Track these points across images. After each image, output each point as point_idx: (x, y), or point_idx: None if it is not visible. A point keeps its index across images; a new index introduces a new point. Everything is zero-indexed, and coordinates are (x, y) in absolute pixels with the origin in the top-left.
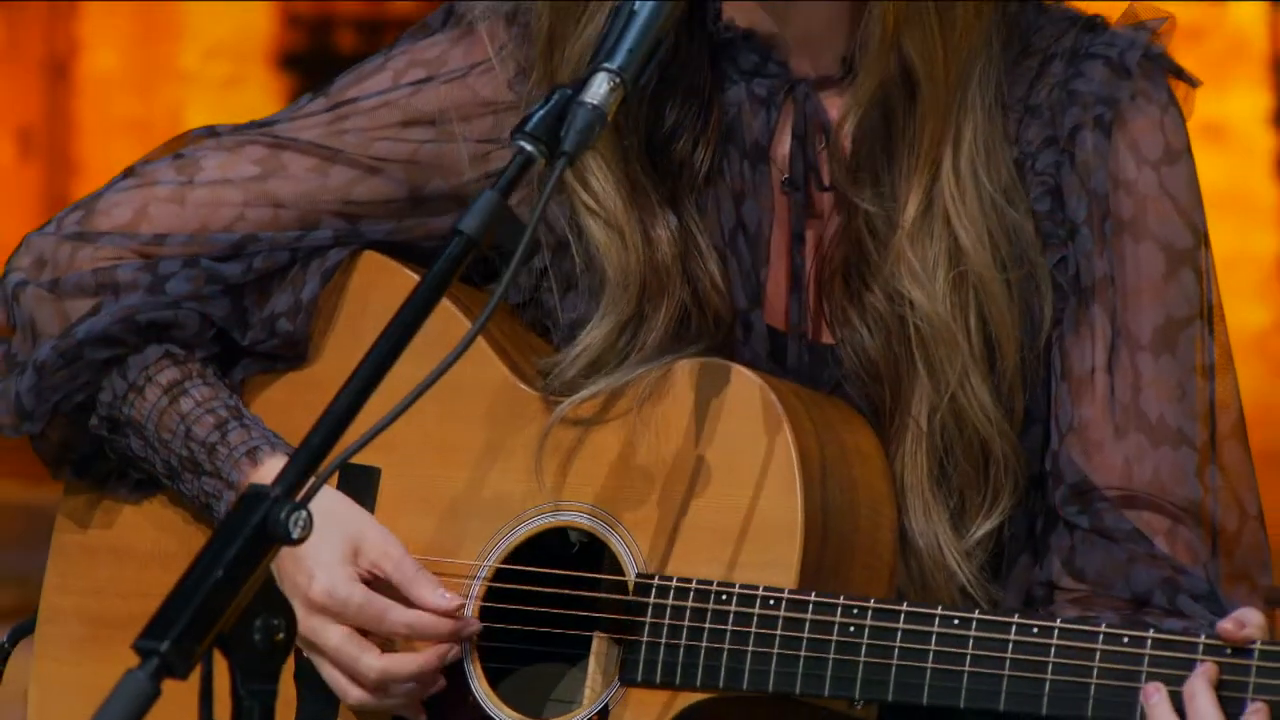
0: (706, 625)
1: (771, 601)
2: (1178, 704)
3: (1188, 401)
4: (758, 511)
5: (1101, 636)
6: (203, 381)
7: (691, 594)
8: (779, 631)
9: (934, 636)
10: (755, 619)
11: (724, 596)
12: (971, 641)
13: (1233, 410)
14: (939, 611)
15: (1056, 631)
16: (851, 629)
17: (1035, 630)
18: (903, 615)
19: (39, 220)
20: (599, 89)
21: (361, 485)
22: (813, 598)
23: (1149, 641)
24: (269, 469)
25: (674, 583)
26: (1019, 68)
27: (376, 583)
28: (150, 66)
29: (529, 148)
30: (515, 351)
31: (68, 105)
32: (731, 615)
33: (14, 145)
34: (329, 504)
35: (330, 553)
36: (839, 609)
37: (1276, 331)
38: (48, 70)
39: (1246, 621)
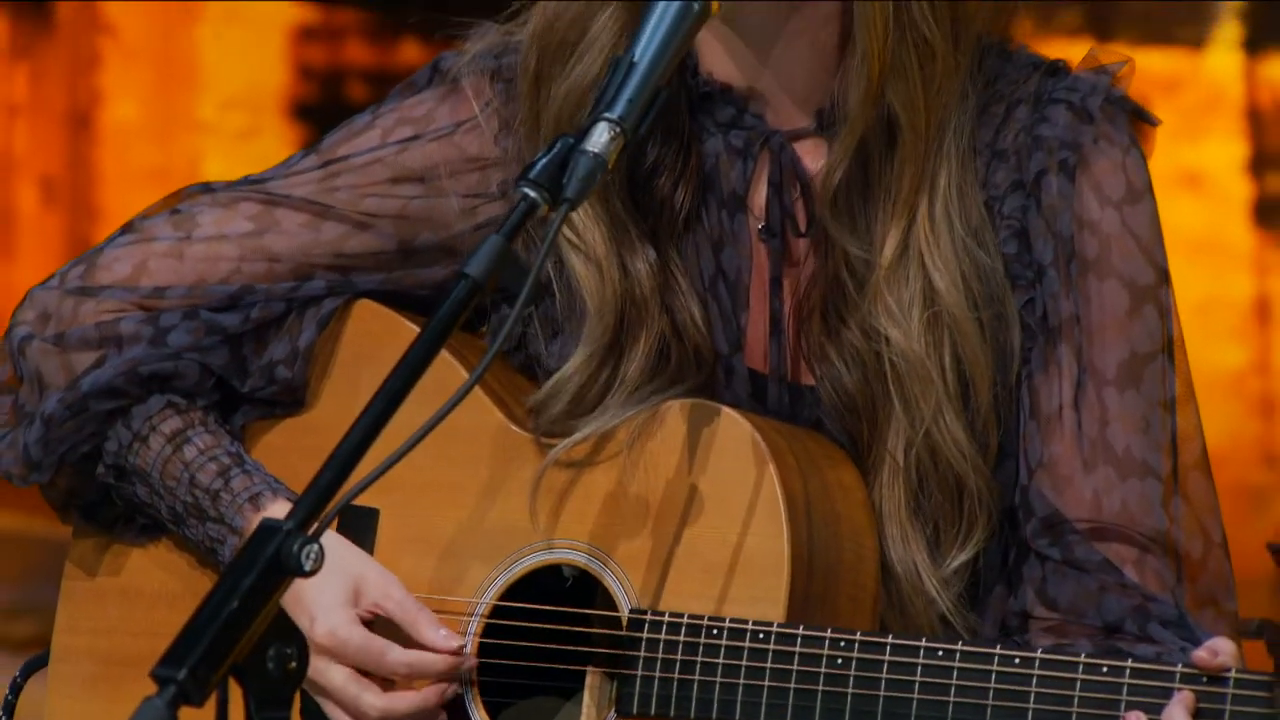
0: (699, 659)
1: (761, 635)
2: None
3: (1153, 434)
4: (747, 548)
5: (1082, 666)
6: (204, 429)
7: (684, 629)
8: (769, 664)
9: (919, 668)
10: (746, 652)
11: (715, 631)
12: (956, 672)
13: (1196, 441)
14: (923, 643)
15: (1038, 662)
16: (839, 661)
17: (1017, 660)
18: (888, 647)
19: (62, 265)
20: (600, 137)
21: (362, 526)
22: (801, 631)
23: (1127, 670)
24: (271, 514)
25: (666, 618)
26: (986, 113)
27: (377, 622)
28: (169, 117)
29: (532, 194)
30: (507, 395)
31: (89, 155)
32: (723, 649)
33: (38, 193)
34: (330, 547)
35: (331, 595)
36: (826, 642)
37: (1253, 372)
38: (70, 121)
39: (1219, 650)
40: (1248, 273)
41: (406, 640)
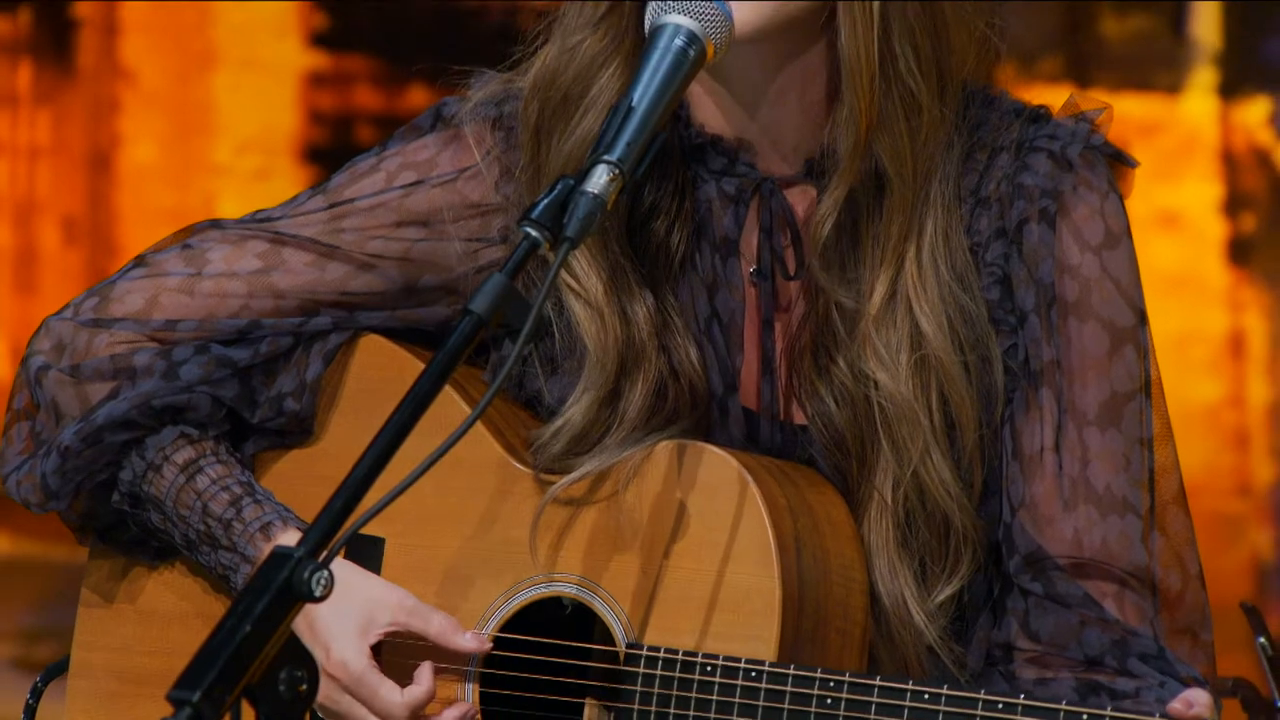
0: (693, 695)
1: (753, 674)
2: None
3: (1132, 471)
4: (738, 587)
5: (1063, 714)
6: (216, 460)
7: (679, 665)
8: (761, 702)
9: (906, 711)
10: (739, 690)
11: (709, 668)
12: (942, 716)
13: (1173, 477)
14: (910, 686)
15: (1021, 708)
16: (829, 701)
17: (1001, 706)
18: (876, 689)
19: None
20: (599, 179)
21: (368, 554)
22: (792, 671)
23: (1107, 719)
24: (282, 543)
25: (662, 653)
26: (970, 160)
27: (396, 638)
28: (186, 160)
29: (534, 233)
30: (508, 429)
31: (109, 195)
32: (716, 686)
33: (60, 232)
34: (340, 575)
35: (343, 625)
36: (817, 682)
37: (1227, 405)
38: (91, 163)
39: (1194, 701)
40: (1222, 309)
41: (430, 648)
